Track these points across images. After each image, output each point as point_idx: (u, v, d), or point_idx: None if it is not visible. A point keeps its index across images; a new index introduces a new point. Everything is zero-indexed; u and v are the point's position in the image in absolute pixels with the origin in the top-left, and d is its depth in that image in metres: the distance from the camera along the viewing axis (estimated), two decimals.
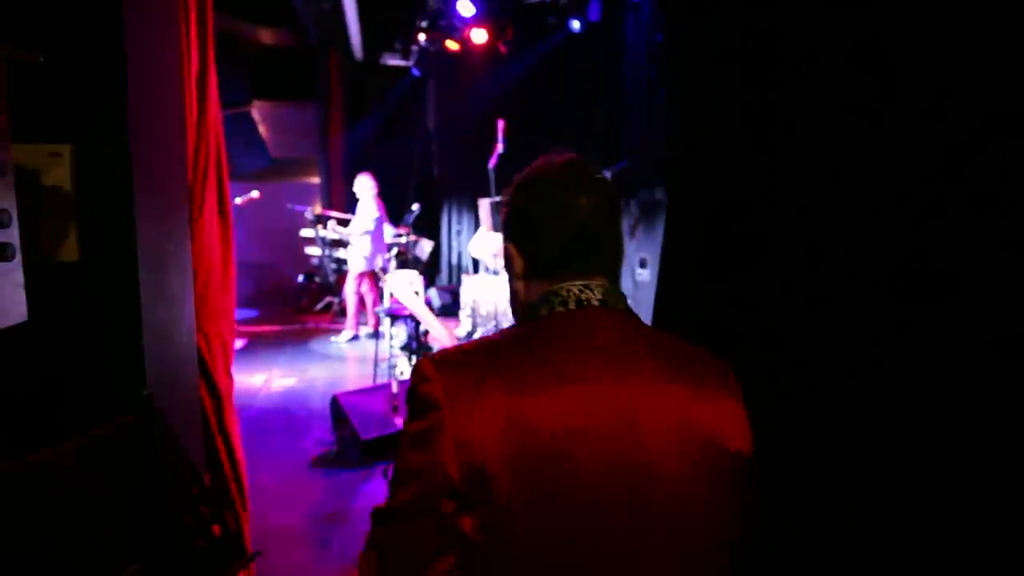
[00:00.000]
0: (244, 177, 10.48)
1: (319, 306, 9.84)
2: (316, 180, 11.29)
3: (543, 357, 1.00)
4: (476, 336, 7.04)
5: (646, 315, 1.26)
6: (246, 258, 6.89)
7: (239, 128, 10.24)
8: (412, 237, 9.23)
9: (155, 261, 1.74)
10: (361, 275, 8.20)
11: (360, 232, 8.11)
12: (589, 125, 8.04)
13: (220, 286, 2.48)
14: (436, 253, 10.25)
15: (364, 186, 8.20)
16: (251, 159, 10.24)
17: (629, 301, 1.14)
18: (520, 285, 1.14)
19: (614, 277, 1.13)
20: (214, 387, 2.30)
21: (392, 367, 6.06)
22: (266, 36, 10.43)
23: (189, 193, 2.15)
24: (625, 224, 6.18)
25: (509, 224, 1.15)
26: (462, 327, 7.48)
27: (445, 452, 0.94)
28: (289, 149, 10.90)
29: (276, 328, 8.86)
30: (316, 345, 8.01)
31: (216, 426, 2.32)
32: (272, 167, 10.53)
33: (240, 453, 2.44)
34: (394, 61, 10.49)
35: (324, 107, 10.62)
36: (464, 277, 7.98)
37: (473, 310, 7.22)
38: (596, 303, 1.07)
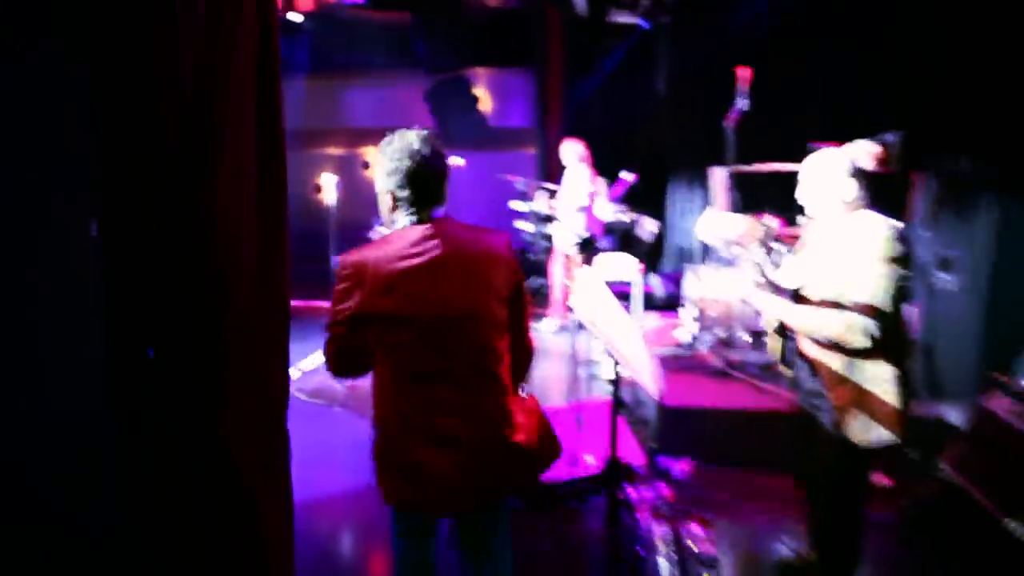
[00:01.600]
0: (458, 145, 10.00)
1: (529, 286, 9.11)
2: (534, 151, 10.52)
3: (392, 247, 2.11)
4: (702, 347, 5.74)
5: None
6: None
7: (455, 93, 9.75)
8: (632, 215, 8.09)
9: None
10: (569, 256, 7.23)
11: (574, 207, 7.08)
12: (866, 79, 6.28)
13: (255, 271, 2.30)
14: (661, 234, 9.01)
15: (571, 152, 7.16)
16: (466, 127, 9.70)
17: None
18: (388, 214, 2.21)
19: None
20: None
21: (591, 374, 5.05)
22: None
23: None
24: (921, 207, 4.55)
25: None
26: (683, 328, 6.13)
27: (355, 299, 2.07)
28: (507, 117, 10.22)
29: None
30: None
31: None
32: (488, 136, 9.93)
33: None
34: (622, 18, 9.32)
35: (542, 72, 9.75)
36: (688, 268, 6.57)
37: (700, 310, 5.82)
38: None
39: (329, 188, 5.35)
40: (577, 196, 7.05)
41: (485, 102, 9.92)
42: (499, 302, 2.17)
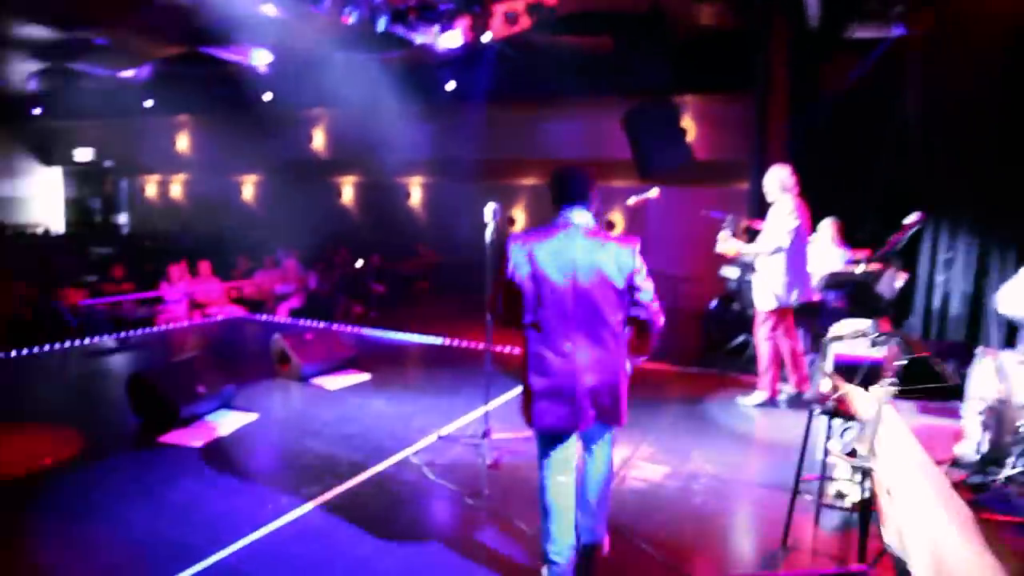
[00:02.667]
0: (659, 179, 8.94)
1: (733, 343, 7.78)
2: (746, 186, 9.20)
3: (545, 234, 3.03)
4: (999, 472, 4.13)
5: None
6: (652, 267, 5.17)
7: (657, 119, 8.73)
8: (874, 265, 6.55)
9: None
10: (771, 314, 5.85)
11: (768, 250, 5.70)
12: None
13: None
14: (910, 288, 7.31)
15: (775, 181, 5.77)
16: (669, 159, 8.63)
17: None
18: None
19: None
20: None
21: (824, 477, 3.76)
22: (704, 14, 8.70)
23: None
24: None
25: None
26: (968, 441, 4.38)
27: (508, 267, 2.98)
28: (718, 150, 9.01)
29: (671, 369, 7.06)
30: (715, 406, 5.97)
31: None
32: (695, 168, 8.78)
33: None
34: (864, 33, 7.83)
35: (762, 96, 8.44)
36: (982, 353, 4.55)
37: (995, 412, 4.11)
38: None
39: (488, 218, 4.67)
40: (776, 235, 5.69)
41: (692, 131, 8.79)
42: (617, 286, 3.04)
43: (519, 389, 3.11)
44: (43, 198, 19.07)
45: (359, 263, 11.22)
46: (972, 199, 6.88)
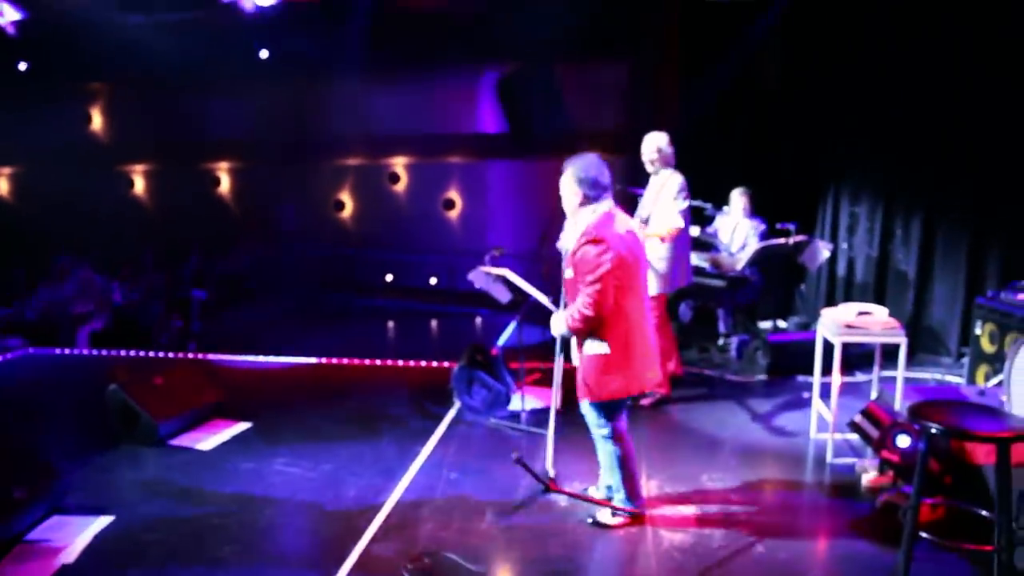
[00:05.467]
0: (537, 151, 8.10)
1: None
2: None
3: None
4: None
5: None
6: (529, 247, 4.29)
7: (536, 85, 7.84)
8: (798, 236, 6.20)
9: None
10: (654, 300, 5.08)
11: (669, 233, 4.99)
12: None
13: None
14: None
15: (653, 149, 5.10)
16: (549, 123, 7.79)
17: None
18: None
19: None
20: None
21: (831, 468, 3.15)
22: None
23: None
24: None
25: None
26: None
27: (611, 263, 3.26)
28: (594, 118, 8.29)
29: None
30: (670, 407, 5.27)
31: None
32: (573, 137, 8.00)
33: None
34: None
35: (649, 60, 7.86)
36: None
37: None
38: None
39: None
40: (665, 215, 5.01)
41: (571, 100, 7.99)
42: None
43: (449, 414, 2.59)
44: None
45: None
46: (875, 161, 6.77)
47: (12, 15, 9.24)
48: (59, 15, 9.26)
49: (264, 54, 9.80)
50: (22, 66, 10.02)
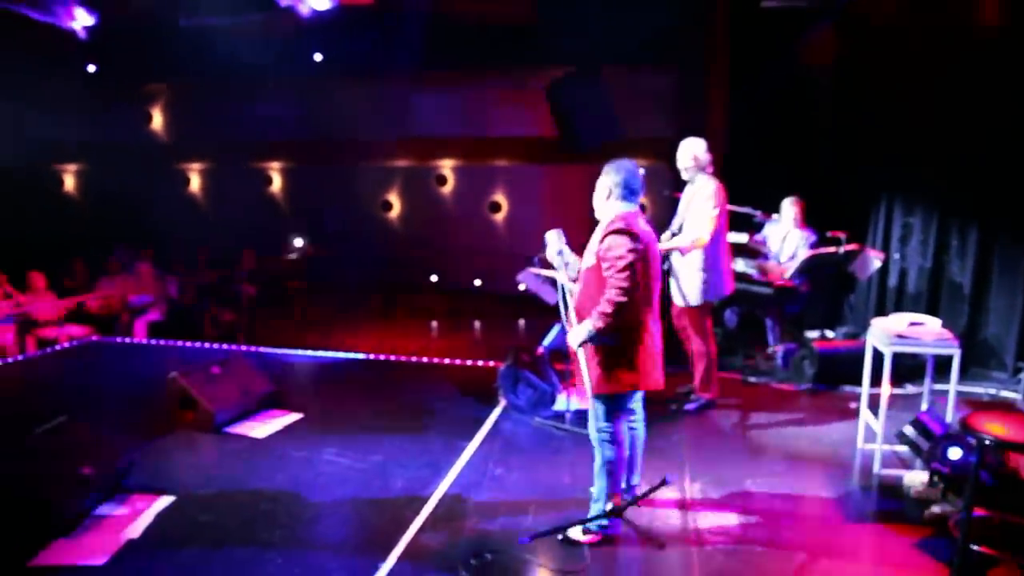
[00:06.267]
0: (585, 158, 8.14)
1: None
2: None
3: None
4: None
5: None
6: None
7: (585, 91, 7.88)
8: (849, 245, 6.14)
9: None
10: (683, 312, 5.18)
11: (686, 245, 4.99)
12: None
13: None
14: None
15: (688, 156, 5.06)
16: (599, 131, 7.83)
17: None
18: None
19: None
20: None
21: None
22: None
23: None
24: None
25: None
26: None
27: (639, 252, 3.34)
28: (643, 126, 8.29)
29: None
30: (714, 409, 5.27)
31: None
32: (623, 145, 8.03)
33: None
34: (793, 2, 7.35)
35: (699, 68, 7.84)
36: None
37: None
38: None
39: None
40: (695, 225, 4.98)
41: (620, 106, 8.01)
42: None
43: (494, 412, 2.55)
44: None
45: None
46: (926, 171, 6.65)
47: (85, 19, 9.62)
48: (125, 19, 9.62)
49: (318, 57, 10.03)
50: (91, 68, 10.42)
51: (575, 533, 3.47)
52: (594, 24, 7.78)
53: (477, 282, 10.40)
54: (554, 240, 3.67)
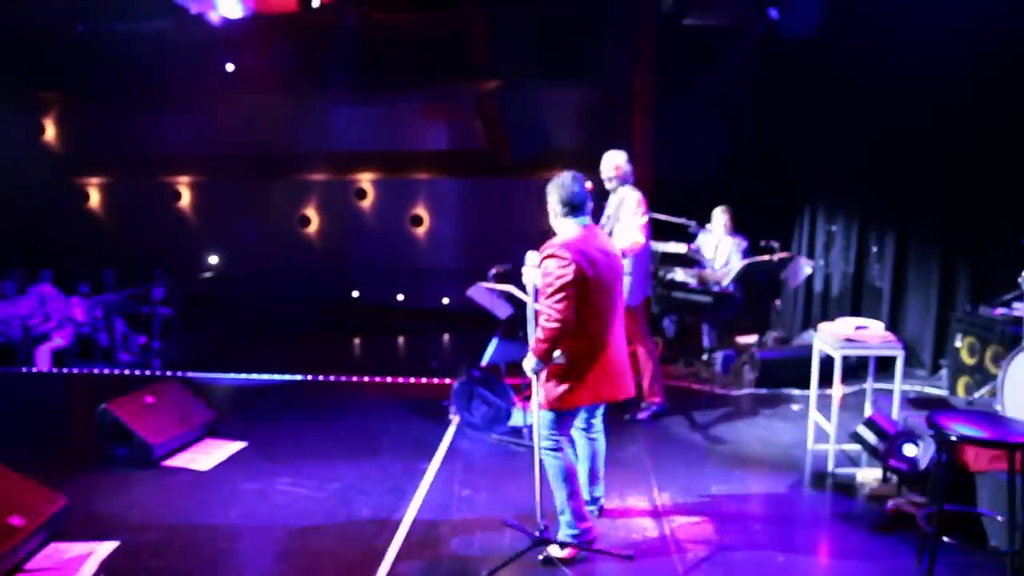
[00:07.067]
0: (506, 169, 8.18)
1: None
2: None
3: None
4: None
5: None
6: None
7: (518, 103, 7.90)
8: (780, 253, 6.38)
9: None
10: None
11: (630, 247, 4.89)
12: None
13: None
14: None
15: (612, 166, 5.14)
16: (530, 142, 7.87)
17: None
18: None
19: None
20: None
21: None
22: None
23: None
24: None
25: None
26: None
27: (572, 274, 3.24)
28: (569, 137, 8.38)
29: None
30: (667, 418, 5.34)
31: None
32: (551, 156, 8.09)
33: None
34: (702, 19, 7.63)
35: (623, 82, 7.99)
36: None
37: None
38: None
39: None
40: (625, 232, 4.97)
41: (548, 119, 8.07)
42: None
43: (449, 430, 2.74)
44: None
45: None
46: (847, 181, 7.00)
47: None
48: (15, 22, 8.98)
49: (230, 67, 9.65)
50: None
51: (554, 551, 3.41)
52: (523, 38, 7.83)
53: (400, 297, 10.21)
54: (533, 259, 3.44)
